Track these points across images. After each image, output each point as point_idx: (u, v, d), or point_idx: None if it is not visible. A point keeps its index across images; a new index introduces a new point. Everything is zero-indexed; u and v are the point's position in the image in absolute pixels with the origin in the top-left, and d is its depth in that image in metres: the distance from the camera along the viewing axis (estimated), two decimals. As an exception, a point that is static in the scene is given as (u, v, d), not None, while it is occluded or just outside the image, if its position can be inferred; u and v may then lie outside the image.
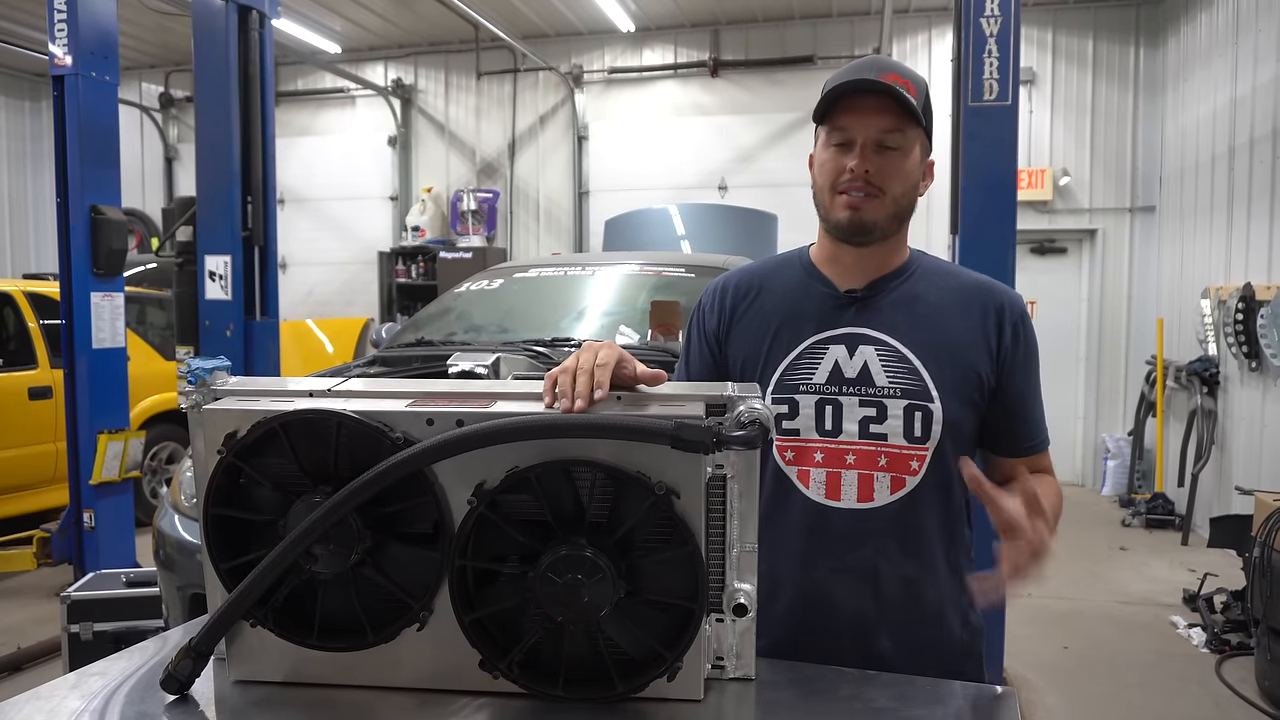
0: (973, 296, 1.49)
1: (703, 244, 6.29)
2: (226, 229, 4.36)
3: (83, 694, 1.20)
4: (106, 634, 3.46)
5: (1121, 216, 8.00)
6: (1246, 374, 5.85)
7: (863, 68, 1.42)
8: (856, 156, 1.41)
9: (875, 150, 1.41)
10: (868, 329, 1.46)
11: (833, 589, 1.44)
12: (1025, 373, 1.49)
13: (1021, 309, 1.50)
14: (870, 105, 1.40)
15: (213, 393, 1.24)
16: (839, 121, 1.43)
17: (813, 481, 1.44)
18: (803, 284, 1.53)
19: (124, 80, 9.87)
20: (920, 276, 1.51)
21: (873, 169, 1.40)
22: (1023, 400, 1.49)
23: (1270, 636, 3.76)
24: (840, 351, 1.46)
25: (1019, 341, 1.48)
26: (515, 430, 1.08)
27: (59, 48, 4.41)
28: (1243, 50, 6.06)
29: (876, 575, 1.43)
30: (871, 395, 1.43)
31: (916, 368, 1.44)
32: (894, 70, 1.41)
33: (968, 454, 1.49)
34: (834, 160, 1.43)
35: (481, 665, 1.16)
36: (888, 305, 1.48)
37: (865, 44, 8.39)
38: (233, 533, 1.20)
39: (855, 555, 1.43)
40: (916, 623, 1.45)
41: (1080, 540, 6.36)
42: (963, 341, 1.46)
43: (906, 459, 1.43)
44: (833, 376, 1.45)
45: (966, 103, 3.36)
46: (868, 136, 1.40)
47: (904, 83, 1.40)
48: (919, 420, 1.42)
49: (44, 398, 5.82)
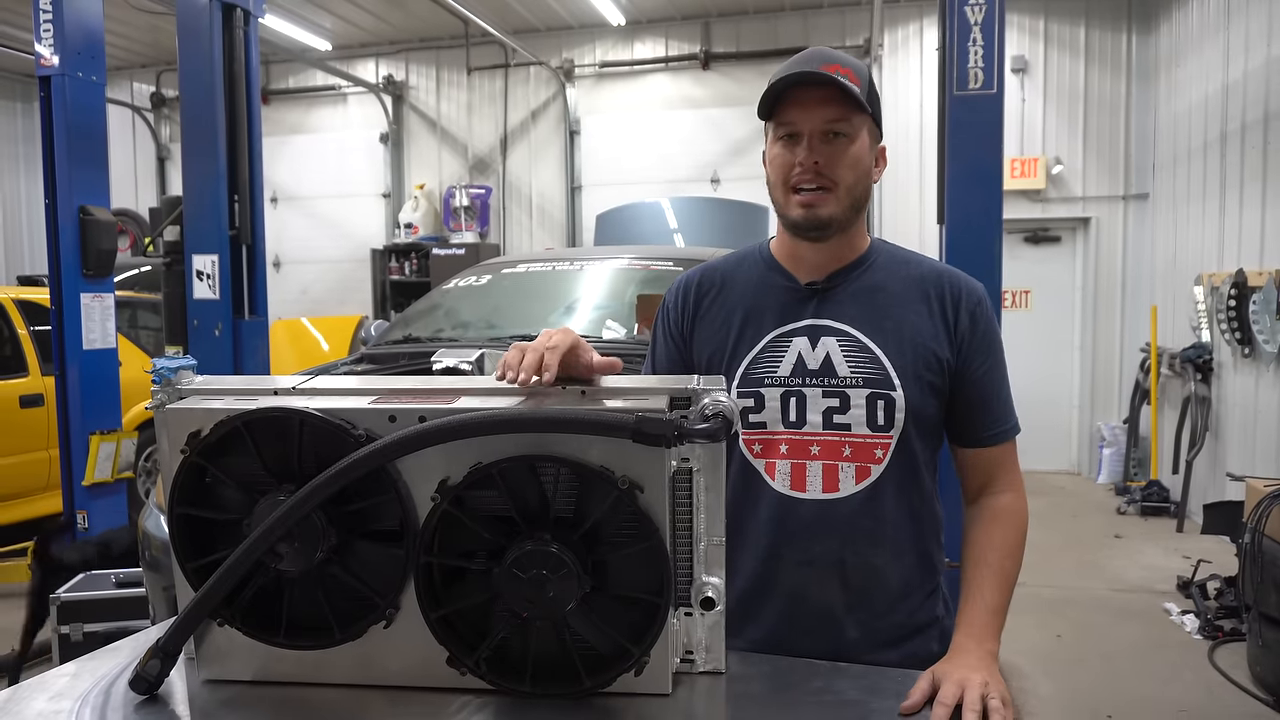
0: (930, 284, 1.49)
1: (695, 237, 6.29)
2: (213, 228, 4.35)
3: (54, 695, 1.20)
4: (97, 635, 3.45)
5: (1115, 204, 7.98)
6: (1240, 360, 5.84)
7: (803, 60, 1.43)
8: (805, 148, 1.41)
9: (823, 140, 1.41)
10: (829, 320, 1.47)
11: (800, 580, 1.45)
12: (985, 358, 1.48)
13: (980, 295, 1.50)
14: (814, 97, 1.41)
15: (178, 392, 1.24)
16: (785, 116, 1.43)
17: (778, 473, 1.45)
18: (764, 278, 1.53)
19: (115, 80, 9.90)
20: (880, 266, 1.51)
21: (822, 159, 1.41)
22: (985, 386, 1.48)
23: (1262, 622, 3.76)
24: (803, 343, 1.47)
25: (976, 327, 1.47)
26: (475, 426, 1.08)
27: (45, 48, 4.40)
28: (1234, 36, 6.04)
29: (843, 565, 1.44)
30: (834, 386, 1.44)
31: (878, 357, 1.44)
32: (834, 60, 1.42)
33: (933, 442, 1.49)
34: (783, 154, 1.44)
35: (449, 662, 1.16)
36: (848, 296, 1.48)
37: (856, 34, 8.38)
38: (199, 532, 1.20)
39: (822, 546, 1.44)
40: (885, 610, 1.46)
41: (1075, 528, 6.37)
42: (922, 329, 1.46)
43: (871, 448, 1.43)
44: (796, 369, 1.46)
45: (952, 92, 3.35)
46: (814, 127, 1.41)
47: (845, 71, 1.40)
48: (882, 409, 1.43)
49: (35, 405, 5.80)
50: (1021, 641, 4.26)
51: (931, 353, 1.45)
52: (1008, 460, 1.51)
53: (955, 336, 1.47)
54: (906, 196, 8.20)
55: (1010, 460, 1.51)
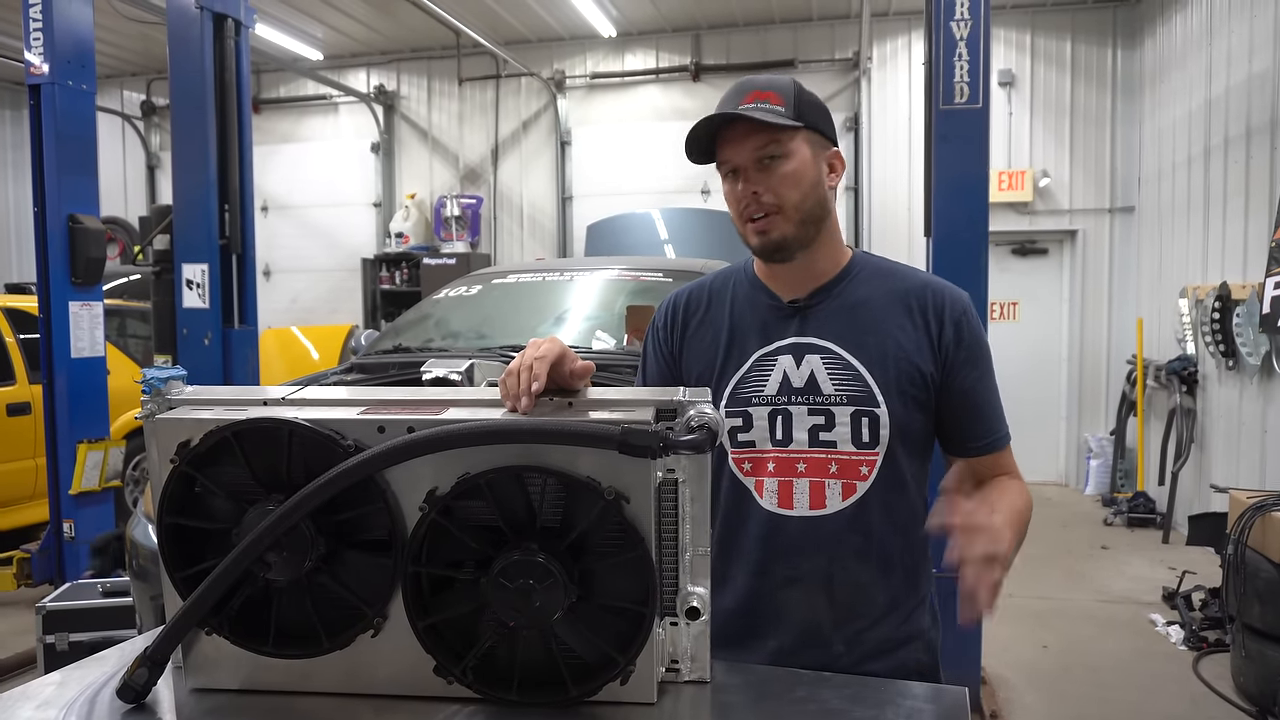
0: (913, 296, 1.50)
1: (685, 248, 6.32)
2: (203, 237, 4.36)
3: (40, 704, 1.20)
4: (83, 644, 3.44)
5: (1101, 217, 8.05)
6: (1224, 373, 5.89)
7: (727, 99, 1.46)
8: (743, 180, 1.45)
9: (757, 169, 1.44)
10: (813, 338, 1.49)
11: (787, 596, 1.46)
12: (971, 369, 1.48)
13: (964, 305, 1.51)
14: (738, 131, 1.44)
15: (167, 402, 1.25)
16: (721, 155, 1.47)
17: (766, 491, 1.47)
18: (749, 297, 1.55)
19: (106, 88, 9.89)
20: (862, 280, 1.52)
21: (761, 187, 1.43)
22: (972, 397, 1.48)
23: (1245, 633, 3.79)
24: (788, 362, 1.48)
25: (961, 338, 1.48)
26: (463, 436, 1.09)
27: (35, 56, 4.41)
28: (1216, 51, 6.12)
29: (830, 581, 1.45)
30: (819, 403, 1.45)
31: (861, 374, 1.45)
32: (752, 88, 1.44)
33: (921, 456, 1.50)
34: (731, 191, 1.48)
35: (436, 671, 1.17)
36: (830, 313, 1.50)
37: (845, 47, 8.45)
38: (188, 541, 1.20)
39: (810, 562, 1.45)
40: (871, 625, 1.47)
41: (1062, 539, 6.40)
42: (905, 343, 1.47)
43: (856, 465, 1.45)
44: (782, 387, 1.47)
45: (938, 106, 3.40)
46: (745, 160, 1.44)
47: (765, 96, 1.43)
48: (866, 426, 1.44)
49: (22, 414, 5.77)
50: (1008, 652, 4.28)
51: (915, 367, 1.46)
52: (1004, 465, 1.51)
53: (939, 348, 1.47)
54: (895, 209, 8.26)
55: (1007, 464, 1.52)
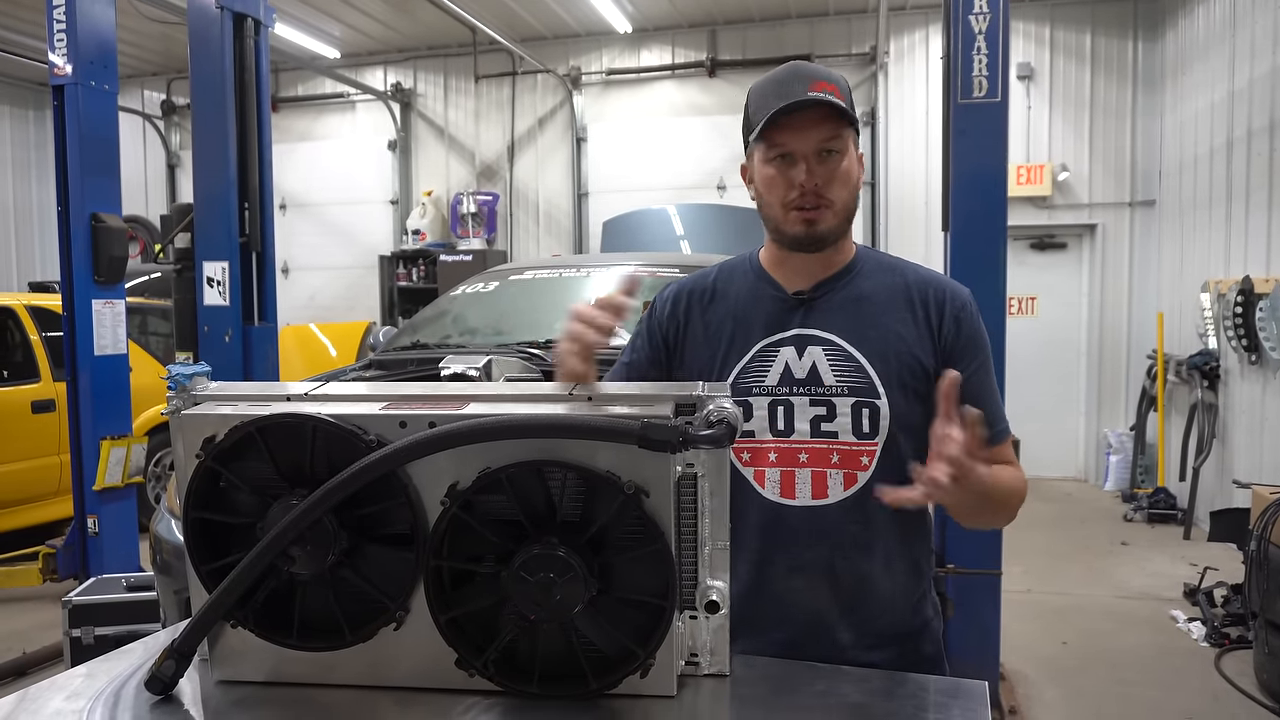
0: (915, 291, 1.51)
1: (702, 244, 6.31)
2: (224, 235, 4.39)
3: (69, 695, 1.22)
4: (108, 638, 3.49)
5: (1121, 211, 7.98)
6: (1246, 367, 5.84)
7: (790, 80, 1.44)
8: (804, 171, 1.43)
9: (818, 161, 1.44)
10: (815, 330, 1.49)
11: (790, 586, 1.47)
12: (970, 362, 1.48)
13: (964, 299, 1.52)
14: (806, 117, 1.42)
15: (192, 398, 1.26)
16: (777, 138, 1.44)
17: (768, 481, 1.48)
18: (753, 288, 1.56)
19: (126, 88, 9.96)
20: (866, 274, 1.54)
21: (820, 180, 1.43)
22: (972, 388, 1.46)
23: (1268, 630, 3.76)
24: (790, 353, 1.49)
25: (961, 331, 1.49)
26: (484, 431, 1.10)
27: (59, 57, 4.45)
28: (1240, 43, 6.05)
29: (833, 570, 1.46)
30: (821, 394, 1.46)
31: (863, 365, 1.47)
32: (819, 77, 1.43)
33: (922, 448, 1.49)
34: (779, 175, 1.46)
35: (458, 664, 1.18)
36: (834, 305, 1.51)
37: (862, 41, 8.41)
38: (213, 536, 1.22)
39: (812, 552, 1.46)
40: (874, 615, 1.48)
41: (1081, 535, 6.36)
42: (906, 336, 1.48)
43: (857, 455, 1.46)
44: (784, 378, 1.48)
45: (956, 100, 3.37)
46: (808, 149, 1.43)
47: (830, 88, 1.42)
48: (867, 416, 1.45)
49: (47, 411, 5.85)
50: (1027, 648, 4.26)
51: (916, 359, 1.47)
52: (1002, 458, 1.50)
53: (939, 341, 1.49)
54: (912, 203, 8.22)
55: (1006, 458, 1.51)
